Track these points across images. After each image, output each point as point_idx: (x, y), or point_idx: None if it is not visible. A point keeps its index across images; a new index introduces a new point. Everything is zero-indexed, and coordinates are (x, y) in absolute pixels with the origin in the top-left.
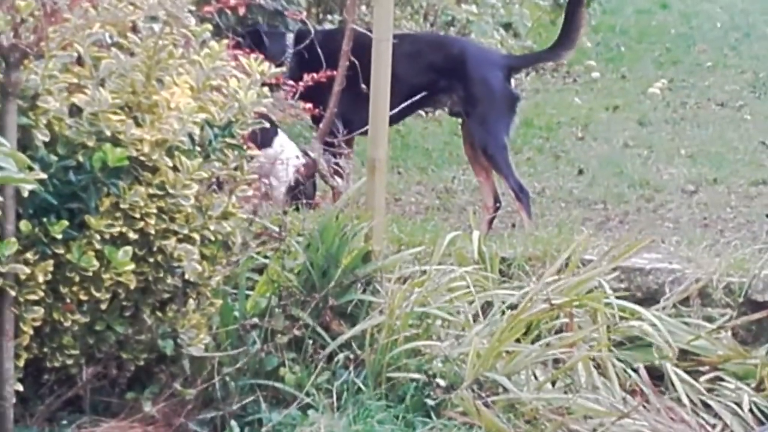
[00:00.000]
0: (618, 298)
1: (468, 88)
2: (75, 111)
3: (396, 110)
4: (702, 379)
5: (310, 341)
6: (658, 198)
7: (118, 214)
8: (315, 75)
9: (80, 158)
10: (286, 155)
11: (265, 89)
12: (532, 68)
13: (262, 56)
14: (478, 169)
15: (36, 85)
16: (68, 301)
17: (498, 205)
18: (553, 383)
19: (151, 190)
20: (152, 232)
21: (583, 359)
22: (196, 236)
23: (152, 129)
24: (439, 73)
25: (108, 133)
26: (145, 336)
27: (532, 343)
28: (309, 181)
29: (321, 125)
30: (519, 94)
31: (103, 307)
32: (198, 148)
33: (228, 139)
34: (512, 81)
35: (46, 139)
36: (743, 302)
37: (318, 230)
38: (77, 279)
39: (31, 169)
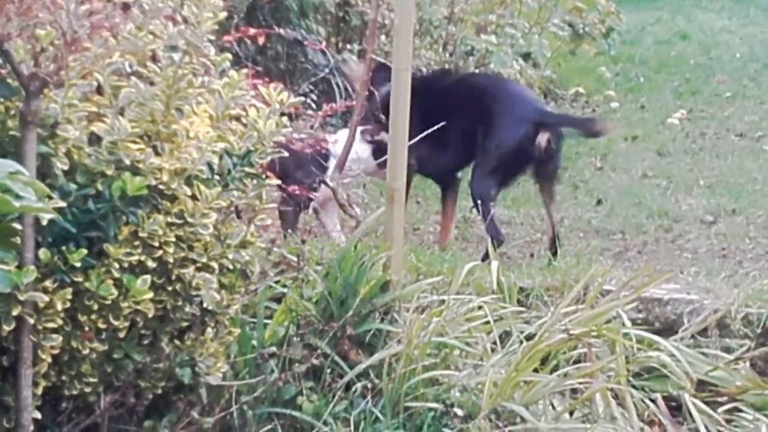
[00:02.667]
0: (636, 328)
1: (485, 133)
2: (94, 140)
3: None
4: (720, 410)
5: (328, 370)
6: (677, 228)
7: (136, 243)
8: (334, 105)
9: (99, 187)
10: None
11: (284, 119)
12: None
13: None
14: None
15: (56, 114)
16: (87, 329)
17: (553, 230)
18: (571, 413)
19: (169, 219)
20: (171, 260)
21: (601, 389)
22: (215, 265)
23: (171, 158)
24: (477, 114)
25: (127, 161)
26: (163, 364)
27: (550, 373)
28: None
29: (340, 155)
30: (534, 152)
31: (122, 335)
32: (217, 177)
33: (247, 168)
34: (540, 136)
35: (66, 168)
36: (762, 333)
37: (336, 260)
38: (96, 307)
39: (50, 197)
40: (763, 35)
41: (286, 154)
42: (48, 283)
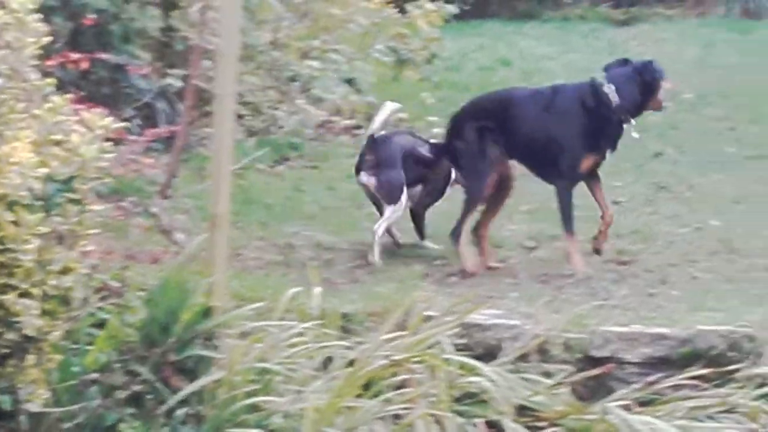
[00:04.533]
0: (458, 354)
1: None
2: None
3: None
4: None
5: (150, 396)
6: (499, 254)
7: None
8: (157, 130)
9: None
10: None
11: (107, 144)
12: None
13: None
14: None
15: None
16: None
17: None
18: None
19: None
20: None
21: (423, 415)
22: (36, 291)
23: None
24: None
25: None
26: None
27: (373, 398)
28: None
29: (164, 180)
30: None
31: None
32: (39, 203)
33: (69, 194)
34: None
35: None
36: (581, 358)
37: (159, 285)
38: None
39: None
40: (582, 62)
41: None
42: None
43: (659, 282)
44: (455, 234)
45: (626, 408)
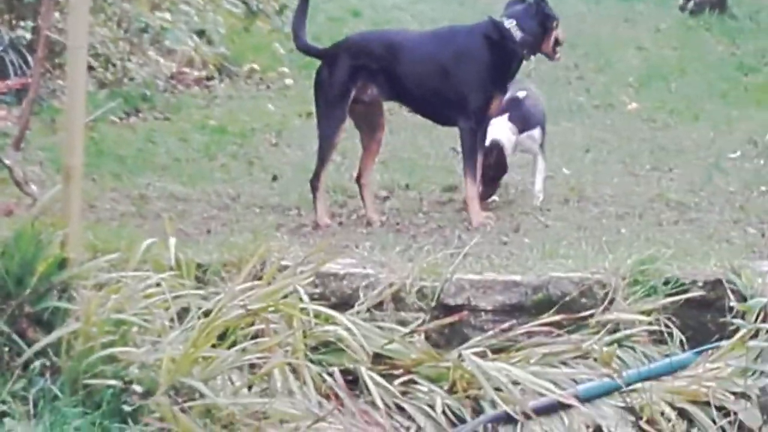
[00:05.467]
0: (313, 303)
1: None
2: None
3: None
4: (396, 382)
5: (6, 349)
6: (352, 204)
7: None
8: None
9: None
10: None
11: None
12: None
13: None
14: None
15: None
16: None
17: None
18: (250, 388)
19: None
20: None
21: (279, 364)
22: None
23: None
24: None
25: None
26: None
27: (229, 348)
28: None
29: (17, 132)
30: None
31: None
32: None
33: None
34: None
35: None
36: (436, 306)
37: (13, 237)
38: None
39: None
40: (433, 13)
41: None
42: None
43: (512, 230)
44: (312, 184)
45: (481, 355)
